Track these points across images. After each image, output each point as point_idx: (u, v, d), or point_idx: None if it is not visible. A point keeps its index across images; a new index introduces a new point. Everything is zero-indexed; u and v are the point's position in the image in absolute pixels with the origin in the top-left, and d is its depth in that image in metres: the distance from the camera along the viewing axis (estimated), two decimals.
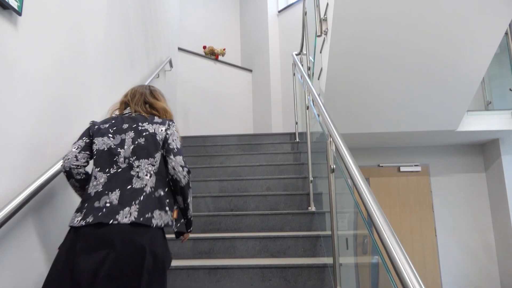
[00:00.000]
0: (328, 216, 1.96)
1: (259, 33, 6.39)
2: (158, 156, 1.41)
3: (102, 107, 2.26)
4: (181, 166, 1.41)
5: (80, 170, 1.44)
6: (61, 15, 1.81)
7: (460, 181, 4.38)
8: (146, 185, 1.34)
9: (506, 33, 3.86)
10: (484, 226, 4.25)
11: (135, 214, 1.25)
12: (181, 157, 1.43)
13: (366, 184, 1.18)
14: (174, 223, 1.41)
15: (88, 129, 1.50)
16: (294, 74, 4.35)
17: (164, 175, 1.42)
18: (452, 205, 4.34)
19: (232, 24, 6.84)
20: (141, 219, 1.24)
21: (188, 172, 1.44)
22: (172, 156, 1.42)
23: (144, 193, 1.31)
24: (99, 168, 1.38)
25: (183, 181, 1.41)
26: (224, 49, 6.17)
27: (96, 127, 1.48)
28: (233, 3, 6.94)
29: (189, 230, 1.54)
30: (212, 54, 6.06)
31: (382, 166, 4.49)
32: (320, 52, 3.22)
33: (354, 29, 2.60)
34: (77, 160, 1.43)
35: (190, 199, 1.46)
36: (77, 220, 1.26)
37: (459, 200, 4.35)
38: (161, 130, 1.45)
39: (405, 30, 2.59)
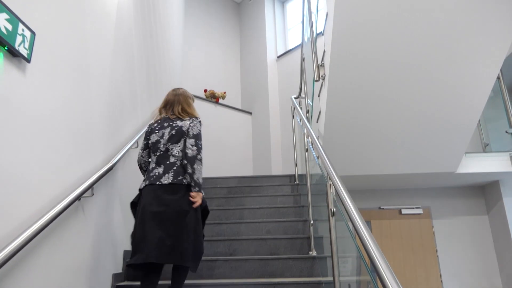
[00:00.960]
0: (329, 261, 1.91)
1: (258, 77, 6.58)
2: (182, 141, 2.10)
3: (104, 151, 2.27)
4: (191, 144, 2.05)
5: (145, 163, 2.23)
6: (68, 61, 1.88)
7: (463, 224, 4.32)
8: (177, 160, 2.06)
9: (498, 78, 3.98)
10: (490, 271, 4.12)
11: (171, 178, 1.99)
12: (193, 140, 2.07)
13: (368, 229, 1.16)
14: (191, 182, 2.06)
15: (146, 133, 2.24)
16: (293, 117, 4.43)
17: (187, 154, 2.05)
18: (456, 248, 4.24)
19: (232, 68, 7.06)
20: (175, 180, 1.98)
21: (198, 150, 2.05)
22: (188, 138, 2.07)
23: (176, 166, 2.04)
24: (152, 153, 2.14)
25: (190, 153, 2.03)
26: (224, 93, 6.32)
27: (150, 128, 2.21)
28: (234, 48, 7.21)
29: (197, 190, 2.01)
30: (213, 97, 6.20)
31: (383, 209, 4.44)
32: (318, 96, 3.30)
33: (351, 74, 2.69)
34: (142, 157, 2.23)
35: (196, 167, 2.02)
36: (142, 185, 2.07)
37: (463, 244, 4.25)
38: (186, 124, 2.12)
39: (400, 75, 2.68)
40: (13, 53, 1.45)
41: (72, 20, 1.93)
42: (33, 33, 1.56)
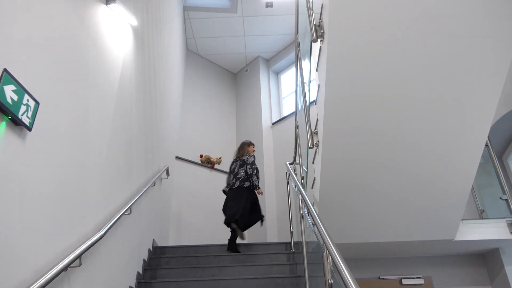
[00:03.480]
0: None
1: (254, 142, 6.69)
2: (244, 167, 4.31)
3: (96, 217, 2.23)
4: (249, 168, 4.26)
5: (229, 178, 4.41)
6: (68, 130, 1.93)
7: None
8: (241, 175, 4.25)
9: (487, 145, 4.09)
10: None
11: (238, 183, 4.21)
12: (250, 165, 4.27)
13: None
14: (251, 185, 4.23)
15: (230, 165, 4.56)
16: (288, 183, 4.44)
17: (247, 173, 4.25)
18: None
19: (228, 134, 7.21)
20: (239, 185, 4.20)
21: (253, 170, 4.26)
22: (247, 165, 4.29)
23: (240, 178, 4.24)
24: (231, 174, 4.39)
25: (249, 172, 4.23)
26: (220, 158, 6.38)
27: (231, 163, 4.57)
28: (230, 115, 7.44)
29: (257, 188, 4.24)
30: (208, 163, 6.24)
31: (383, 279, 4.26)
32: (313, 162, 3.35)
33: (344, 142, 2.76)
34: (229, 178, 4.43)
35: (253, 178, 4.21)
36: (225, 189, 4.37)
37: None
38: (246, 158, 4.36)
39: (392, 144, 2.75)
40: (15, 122, 1.49)
41: (75, 90, 2.02)
42: (37, 103, 1.62)
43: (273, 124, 6.78)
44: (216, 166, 6.32)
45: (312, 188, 3.49)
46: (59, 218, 1.80)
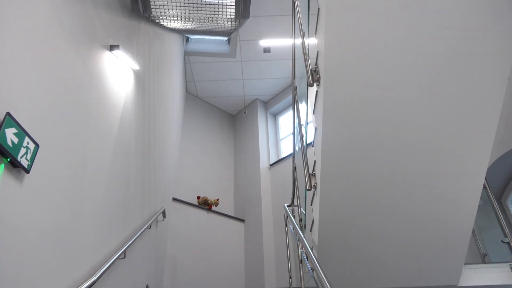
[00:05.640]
0: None
1: (252, 184, 6.67)
2: None
3: (91, 262, 2.18)
4: None
5: None
6: (66, 173, 1.93)
7: None
8: None
9: (485, 186, 4.08)
10: None
11: None
12: None
13: None
14: None
15: None
16: (286, 225, 4.36)
17: None
18: None
19: (226, 176, 7.19)
20: None
21: None
22: None
23: None
24: None
25: None
26: (217, 200, 6.32)
27: None
28: (228, 156, 7.46)
29: None
30: (205, 204, 6.17)
31: None
32: (311, 205, 3.32)
33: (342, 184, 2.75)
34: None
35: None
36: None
37: None
38: None
39: (391, 184, 2.75)
40: (14, 164, 1.49)
41: (75, 133, 2.04)
42: (37, 145, 1.64)
43: (271, 165, 6.79)
44: (213, 208, 6.24)
45: (310, 231, 3.43)
46: (52, 263, 1.75)
